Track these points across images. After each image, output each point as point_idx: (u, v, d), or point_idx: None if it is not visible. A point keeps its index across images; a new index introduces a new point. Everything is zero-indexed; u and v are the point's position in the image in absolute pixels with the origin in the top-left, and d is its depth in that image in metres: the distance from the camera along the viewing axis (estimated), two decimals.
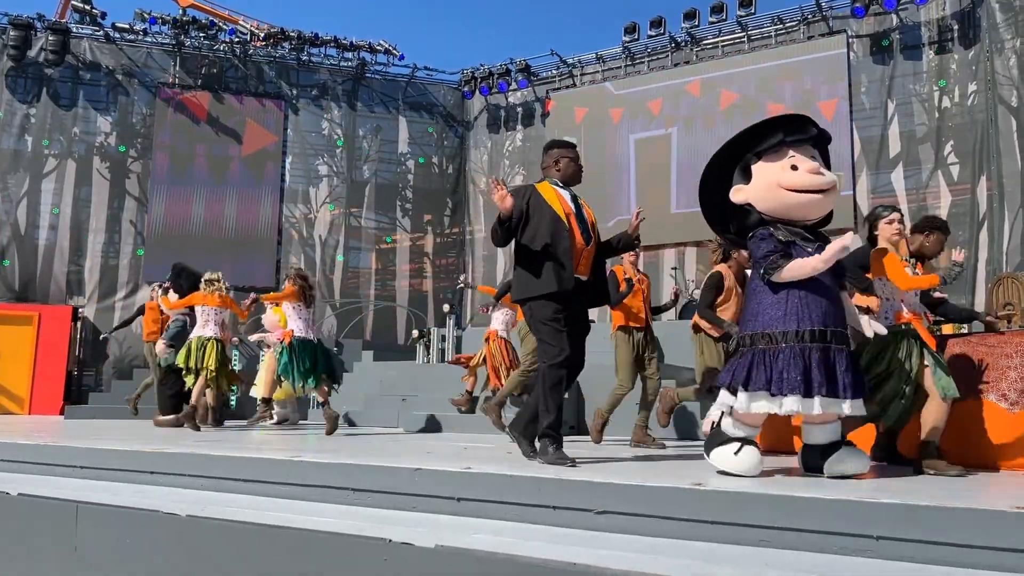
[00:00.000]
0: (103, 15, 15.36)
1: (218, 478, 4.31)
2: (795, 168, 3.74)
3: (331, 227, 16.23)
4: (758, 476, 3.62)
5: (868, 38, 13.39)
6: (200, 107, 15.80)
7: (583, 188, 4.63)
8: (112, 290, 14.83)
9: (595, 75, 16.01)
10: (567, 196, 4.45)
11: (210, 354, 7.95)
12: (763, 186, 3.79)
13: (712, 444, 3.80)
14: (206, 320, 8.15)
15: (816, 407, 3.48)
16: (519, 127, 16.57)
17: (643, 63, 15.45)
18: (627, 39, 15.33)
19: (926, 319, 4.03)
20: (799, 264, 3.61)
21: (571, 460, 4.01)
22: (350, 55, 16.48)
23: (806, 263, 3.59)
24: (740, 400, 3.64)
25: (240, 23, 15.76)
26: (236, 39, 15.80)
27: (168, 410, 8.60)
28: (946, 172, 12.48)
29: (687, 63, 14.99)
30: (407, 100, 16.92)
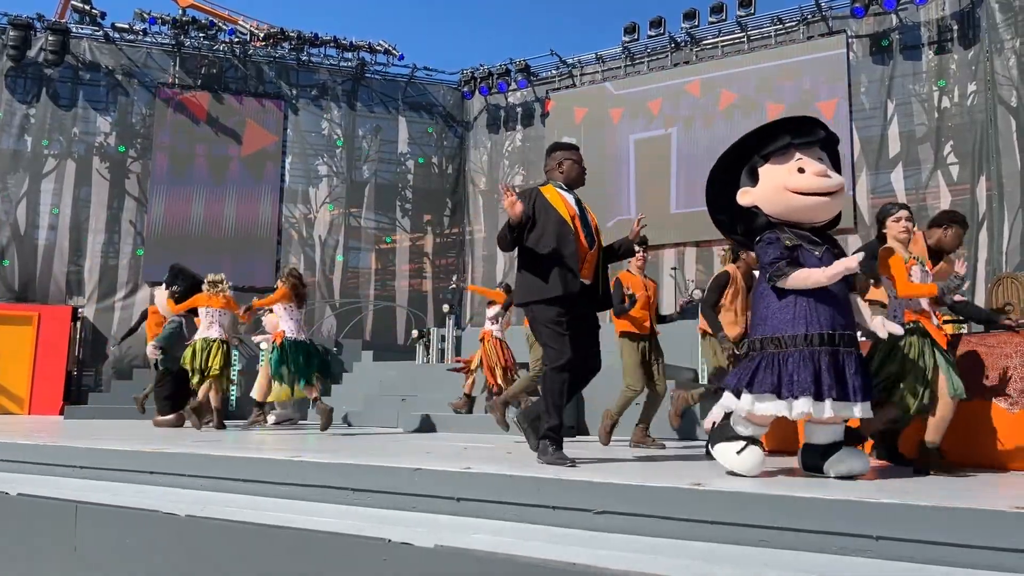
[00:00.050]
0: (103, 15, 15.37)
1: (218, 478, 4.31)
2: (802, 171, 3.74)
3: (331, 227, 16.23)
4: (758, 476, 3.62)
5: (868, 38, 13.39)
6: (200, 107, 15.80)
7: (583, 188, 4.63)
8: (112, 290, 14.84)
9: (595, 75, 16.02)
10: (571, 199, 4.43)
11: (215, 355, 8.01)
12: (770, 189, 3.79)
13: (718, 437, 3.80)
14: (211, 322, 8.18)
15: (827, 410, 3.48)
16: (519, 127, 16.57)
17: (643, 63, 15.45)
18: (627, 39, 15.34)
19: (935, 318, 4.00)
20: (804, 275, 3.61)
21: (570, 460, 4.02)
22: (350, 55, 16.49)
23: (810, 275, 3.59)
24: (744, 402, 3.64)
25: (240, 23, 15.77)
26: (236, 39, 15.81)
27: (166, 410, 8.60)
28: (946, 172, 12.49)
29: (687, 63, 14.99)
30: (407, 100, 16.92)
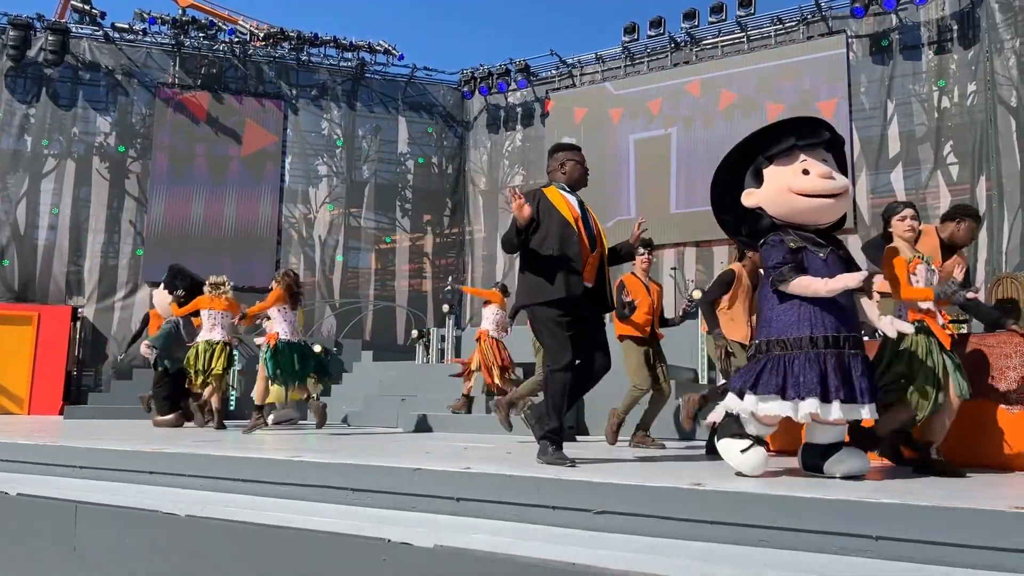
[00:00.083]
0: (102, 15, 15.38)
1: (217, 478, 4.31)
2: (806, 172, 3.73)
3: (331, 227, 16.23)
4: (758, 476, 3.62)
5: (867, 38, 13.39)
6: (199, 107, 15.80)
7: (583, 188, 4.62)
8: (111, 290, 14.84)
9: (595, 75, 16.01)
10: (574, 201, 4.42)
11: (218, 357, 8.06)
12: (774, 190, 3.78)
13: (724, 433, 3.79)
14: (213, 324, 8.21)
15: (835, 412, 3.48)
16: (519, 127, 16.57)
17: (643, 63, 15.45)
18: (627, 39, 15.34)
19: (940, 317, 3.97)
20: (805, 283, 3.61)
21: (570, 460, 4.02)
22: (349, 55, 16.49)
23: (811, 284, 3.60)
24: (747, 403, 3.63)
25: (240, 23, 15.77)
26: (236, 39, 15.81)
27: (165, 411, 8.61)
28: (945, 172, 12.49)
29: (687, 63, 14.99)
30: (406, 100, 16.92)
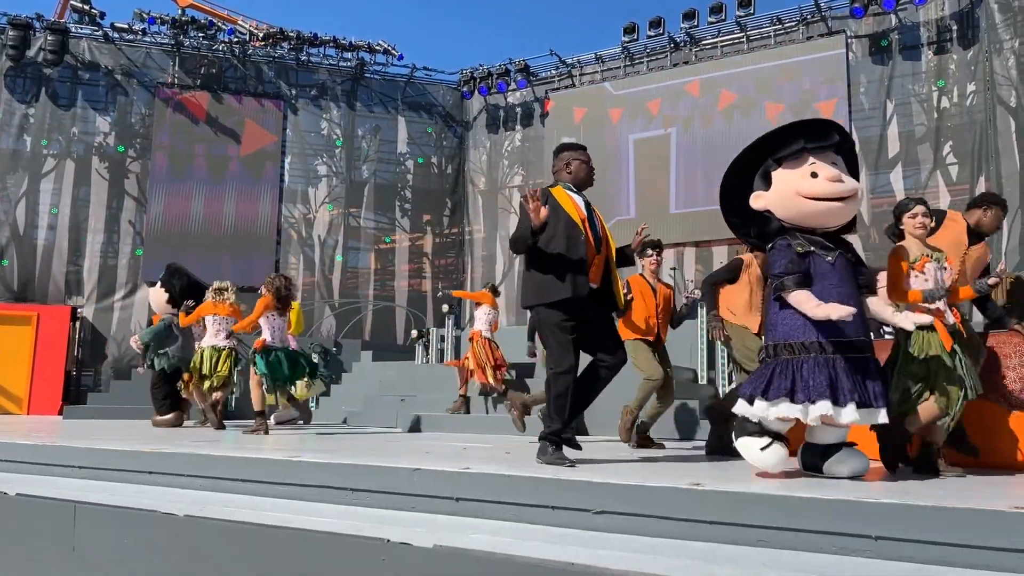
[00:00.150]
0: (102, 15, 15.37)
1: (216, 478, 4.31)
2: (815, 176, 3.72)
3: (330, 227, 16.22)
4: (757, 476, 3.62)
5: (867, 38, 13.40)
6: (199, 107, 15.79)
7: (589, 187, 4.60)
8: (111, 290, 14.84)
9: (594, 75, 16.01)
10: (580, 202, 4.40)
11: (223, 363, 8.15)
12: (782, 193, 3.77)
13: (741, 432, 3.77)
14: (218, 329, 8.27)
15: (849, 415, 3.45)
16: (518, 127, 16.57)
17: (642, 63, 15.45)
18: (626, 39, 15.34)
19: (951, 315, 3.94)
20: (802, 299, 3.61)
21: (570, 460, 4.02)
22: (349, 55, 16.48)
23: (805, 303, 3.59)
24: (758, 408, 3.62)
25: (239, 23, 15.76)
26: (235, 39, 15.80)
27: (164, 410, 8.63)
28: (945, 172, 12.49)
29: (686, 63, 14.99)
30: (406, 100, 16.91)
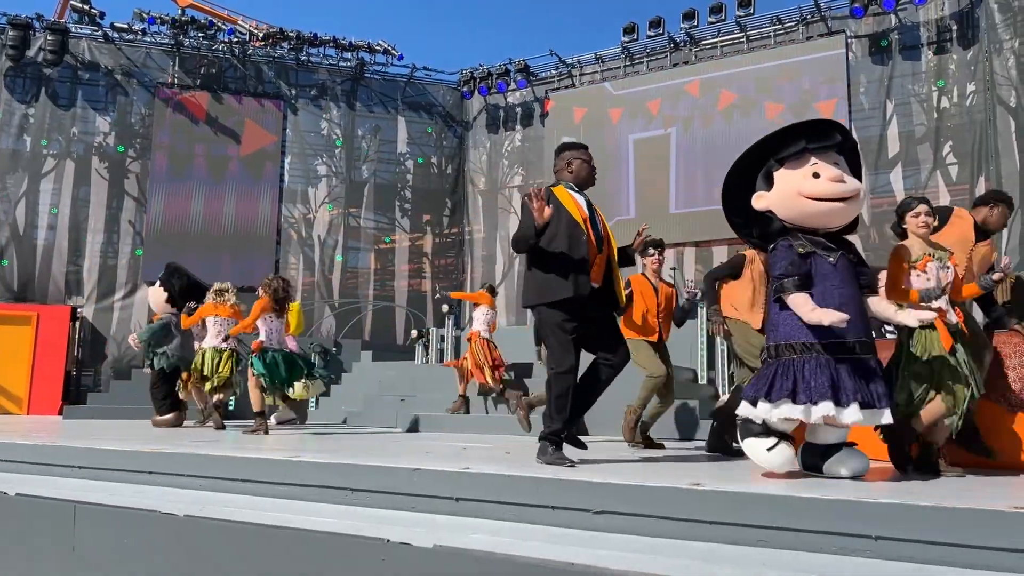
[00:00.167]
0: (102, 15, 15.36)
1: (216, 478, 4.31)
2: (817, 176, 3.71)
3: (330, 227, 16.22)
4: (756, 476, 3.63)
5: (867, 38, 13.40)
6: (199, 107, 15.79)
7: (591, 187, 4.60)
8: (111, 290, 14.83)
9: (594, 75, 16.01)
10: (582, 201, 4.39)
11: (225, 364, 8.19)
12: (784, 194, 3.77)
13: (747, 434, 3.76)
14: (219, 330, 8.29)
15: (852, 416, 3.45)
16: (518, 127, 16.57)
17: (642, 63, 15.46)
18: (626, 39, 15.34)
19: (954, 315, 3.94)
20: (799, 302, 3.61)
21: (570, 460, 4.01)
22: (349, 55, 16.48)
23: (799, 308, 3.60)
24: (760, 410, 3.62)
25: (239, 23, 15.76)
26: (235, 39, 15.80)
27: (164, 410, 8.64)
28: (944, 172, 12.49)
29: (686, 63, 14.99)
30: (406, 100, 16.91)
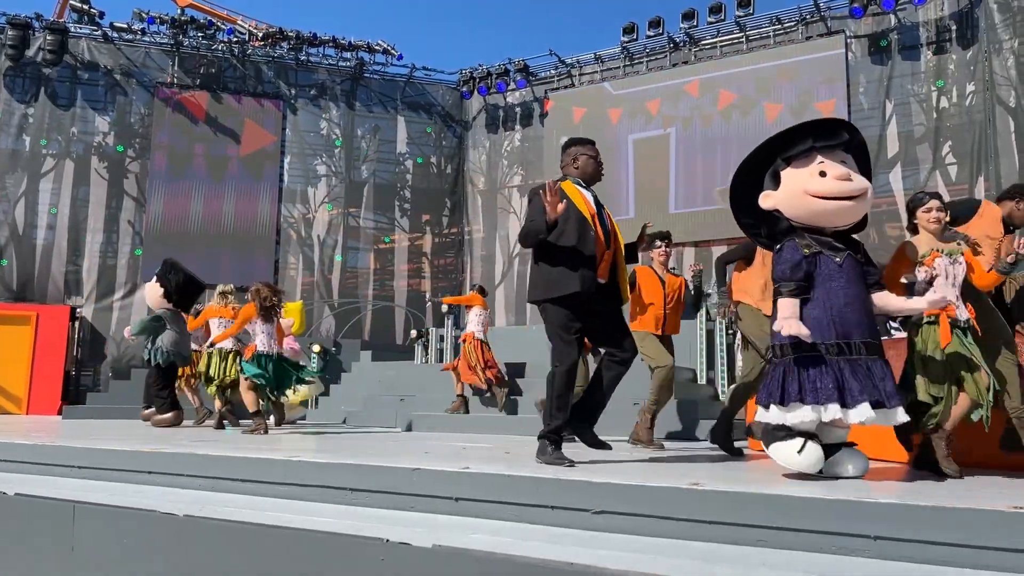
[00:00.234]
0: (101, 15, 15.36)
1: (216, 478, 4.31)
2: (823, 174, 3.71)
3: (329, 227, 16.22)
4: (756, 476, 3.63)
5: (866, 38, 13.40)
6: (198, 107, 15.78)
7: (598, 182, 4.58)
8: (110, 290, 14.83)
9: (594, 75, 16.02)
10: (590, 197, 4.39)
11: (231, 365, 8.26)
12: (791, 192, 3.76)
13: (772, 439, 3.72)
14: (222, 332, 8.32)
15: (861, 415, 3.44)
16: (518, 127, 16.57)
17: (641, 63, 15.46)
18: (626, 39, 15.34)
19: (964, 311, 3.92)
20: (783, 306, 3.63)
21: (569, 460, 4.01)
22: (348, 55, 16.48)
23: (781, 311, 3.62)
24: (772, 414, 3.61)
25: (238, 23, 15.76)
26: (234, 39, 15.80)
27: (164, 408, 8.65)
28: (944, 172, 12.49)
29: (685, 63, 15.00)
30: (405, 100, 16.91)
